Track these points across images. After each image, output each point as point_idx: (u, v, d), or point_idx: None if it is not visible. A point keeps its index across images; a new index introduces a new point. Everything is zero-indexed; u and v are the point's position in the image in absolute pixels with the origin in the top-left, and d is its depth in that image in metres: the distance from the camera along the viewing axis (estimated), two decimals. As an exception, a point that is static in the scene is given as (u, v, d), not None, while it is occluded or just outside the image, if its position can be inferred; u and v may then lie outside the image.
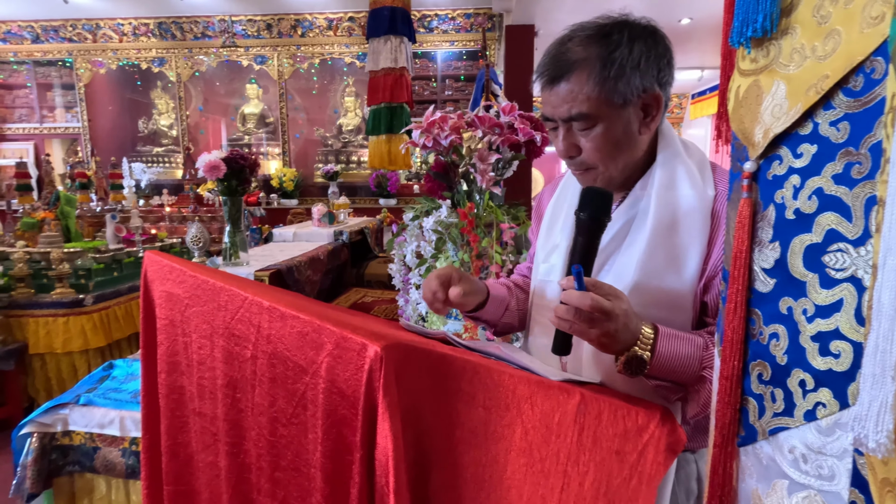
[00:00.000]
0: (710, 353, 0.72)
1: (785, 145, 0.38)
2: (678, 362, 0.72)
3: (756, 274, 0.41)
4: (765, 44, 0.39)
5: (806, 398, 0.37)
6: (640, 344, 0.71)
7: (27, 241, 3.38)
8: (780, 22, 0.38)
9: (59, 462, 1.68)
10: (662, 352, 0.71)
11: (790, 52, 0.37)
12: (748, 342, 0.42)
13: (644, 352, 0.71)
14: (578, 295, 0.67)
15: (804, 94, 0.36)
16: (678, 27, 5.15)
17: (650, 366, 0.72)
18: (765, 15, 0.37)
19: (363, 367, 0.41)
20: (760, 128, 0.39)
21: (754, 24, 0.38)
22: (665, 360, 0.72)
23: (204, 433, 0.75)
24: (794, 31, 0.37)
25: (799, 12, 0.37)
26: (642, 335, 0.72)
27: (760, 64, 0.40)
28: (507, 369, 0.54)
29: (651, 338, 0.72)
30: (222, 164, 2.26)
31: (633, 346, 0.71)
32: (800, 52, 0.37)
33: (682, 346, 0.72)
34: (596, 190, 0.73)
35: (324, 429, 0.46)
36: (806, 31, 0.36)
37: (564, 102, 0.78)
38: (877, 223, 0.32)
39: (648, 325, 0.73)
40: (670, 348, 0.72)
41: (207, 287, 0.70)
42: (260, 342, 0.57)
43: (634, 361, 0.71)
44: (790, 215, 0.38)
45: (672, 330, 0.74)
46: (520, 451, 0.55)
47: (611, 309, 0.68)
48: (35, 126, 6.56)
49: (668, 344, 0.72)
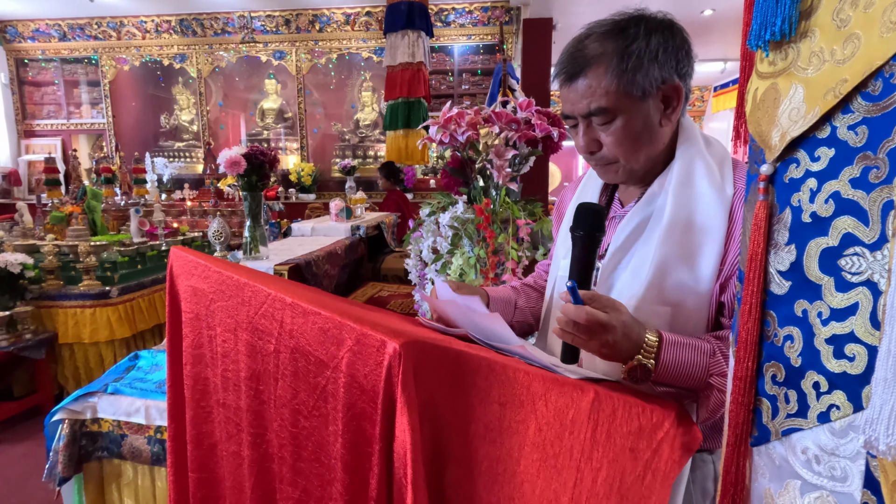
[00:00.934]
0: (717, 360, 0.72)
1: (802, 148, 0.39)
2: (683, 370, 0.72)
3: (771, 276, 0.41)
4: (783, 47, 0.39)
5: (820, 400, 0.37)
6: (643, 353, 0.72)
7: (56, 235, 3.49)
8: (799, 25, 0.38)
9: (88, 448, 1.74)
10: (666, 360, 0.72)
11: (809, 55, 0.37)
12: (762, 343, 0.42)
13: (648, 360, 0.71)
14: (574, 309, 0.69)
15: (822, 97, 0.36)
16: (700, 18, 5.04)
17: (655, 374, 0.72)
18: (783, 18, 0.37)
19: (382, 362, 0.43)
20: (777, 131, 0.39)
21: (772, 27, 0.38)
22: (670, 368, 0.72)
23: (228, 423, 0.78)
24: (813, 35, 0.37)
25: (818, 16, 0.37)
26: (646, 343, 0.72)
27: (779, 67, 0.40)
28: (522, 366, 0.55)
29: (655, 346, 0.72)
30: (243, 160, 2.30)
31: (636, 355, 0.71)
32: (818, 56, 0.37)
33: (687, 354, 0.72)
34: (588, 206, 0.76)
35: (344, 421, 0.47)
36: (825, 35, 0.36)
37: (583, 98, 0.79)
38: (893, 228, 0.32)
39: (653, 332, 0.73)
40: (675, 356, 0.72)
41: (232, 283, 0.72)
42: (283, 337, 0.58)
43: (639, 370, 0.71)
44: (806, 218, 0.38)
45: (677, 336, 0.74)
46: (533, 446, 0.57)
47: (607, 321, 0.69)
48: (62, 122, 6.74)
49: (673, 352, 0.72)
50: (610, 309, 0.71)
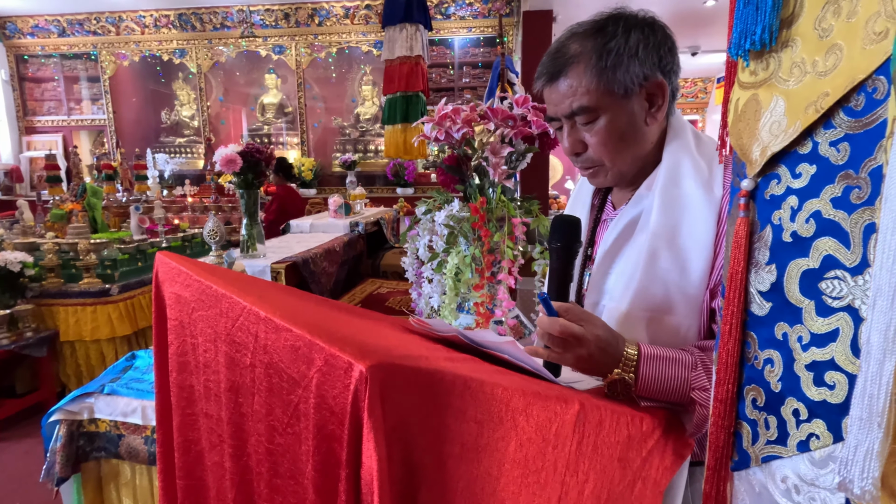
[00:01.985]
0: (698, 374, 0.70)
1: (783, 164, 0.37)
2: (664, 384, 0.71)
3: (752, 296, 0.39)
4: (764, 56, 0.37)
5: (799, 428, 0.36)
6: (622, 366, 0.70)
7: (56, 232, 3.50)
8: (781, 34, 0.36)
9: (86, 448, 1.75)
10: (646, 375, 0.70)
11: (790, 66, 0.35)
12: (743, 365, 0.40)
13: (627, 374, 0.70)
14: (549, 321, 0.69)
15: (804, 111, 0.34)
16: (703, 9, 4.97)
17: (636, 388, 0.71)
18: (763, 27, 0.35)
19: (349, 385, 0.41)
20: (758, 145, 0.37)
21: (752, 35, 0.36)
22: (650, 382, 0.71)
23: (211, 433, 0.77)
24: (795, 45, 0.35)
25: (800, 24, 0.35)
26: (625, 357, 0.71)
27: (759, 77, 0.38)
28: (503, 381, 0.54)
29: (634, 359, 0.70)
30: (239, 157, 2.29)
31: (615, 369, 0.70)
32: (800, 67, 0.35)
33: (667, 368, 0.71)
34: (564, 218, 0.75)
35: (314, 442, 0.46)
36: (807, 45, 0.34)
37: (565, 98, 0.78)
38: (874, 252, 0.31)
39: (633, 345, 0.72)
40: (654, 371, 0.71)
41: (211, 293, 0.71)
42: (257, 352, 0.57)
43: (618, 384, 0.70)
44: (787, 238, 0.36)
45: (658, 349, 0.72)
46: (514, 463, 0.55)
47: (581, 334, 0.68)
48: (63, 118, 6.75)
49: (652, 366, 0.71)
50: (584, 322, 0.70)
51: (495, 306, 1.81)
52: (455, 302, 1.90)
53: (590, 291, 0.86)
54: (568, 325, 0.68)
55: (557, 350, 0.69)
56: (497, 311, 1.79)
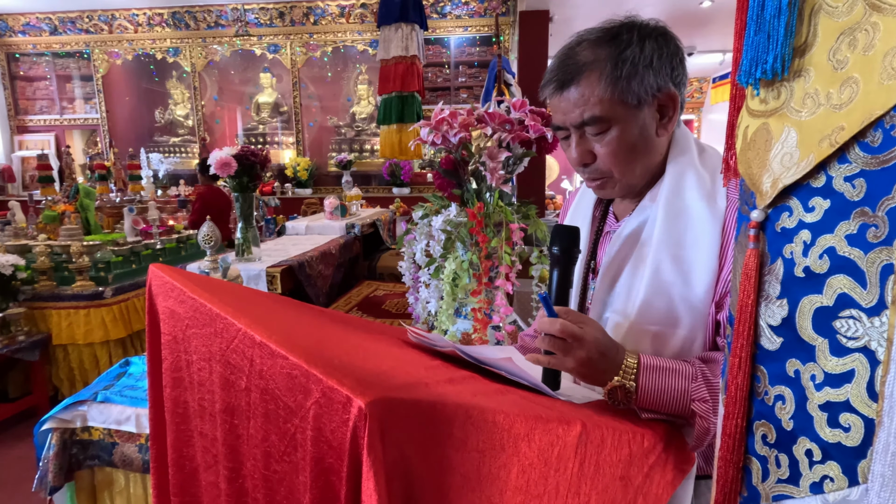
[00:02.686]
0: (698, 385, 0.70)
1: (795, 196, 0.36)
2: (665, 396, 0.70)
3: (762, 329, 0.38)
4: (775, 85, 0.36)
5: (812, 469, 0.35)
6: (622, 373, 0.70)
7: (48, 234, 3.46)
8: (793, 63, 0.35)
9: (79, 456, 1.73)
10: (645, 385, 0.70)
11: (803, 96, 0.34)
12: (753, 399, 0.39)
13: (628, 381, 0.70)
14: (549, 321, 0.69)
15: (817, 144, 0.33)
16: (699, 10, 4.96)
17: (636, 398, 0.70)
18: (776, 56, 0.34)
19: (348, 421, 0.40)
20: (769, 176, 0.36)
21: (764, 64, 0.35)
22: (650, 393, 0.70)
23: (206, 453, 0.76)
24: (808, 75, 0.34)
25: (813, 54, 0.34)
26: (625, 365, 0.70)
27: (770, 106, 0.37)
28: (504, 406, 0.53)
29: (634, 368, 0.70)
30: (234, 160, 2.26)
31: (615, 377, 0.70)
32: (813, 98, 0.34)
33: (667, 378, 0.70)
34: (564, 226, 0.76)
35: (312, 475, 0.45)
36: (820, 76, 0.33)
37: (576, 107, 0.76)
38: (893, 294, 0.30)
39: (633, 355, 0.72)
40: (654, 381, 0.70)
41: (205, 311, 0.69)
42: (253, 376, 0.56)
43: (619, 392, 0.70)
44: (799, 273, 0.35)
45: (658, 360, 0.72)
46: (515, 490, 0.54)
47: (581, 335, 0.68)
48: (55, 117, 6.68)
49: (652, 376, 0.70)
50: (583, 324, 0.70)
51: (493, 312, 1.80)
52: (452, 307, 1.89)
53: (594, 304, 0.85)
54: (567, 324, 0.68)
55: (557, 353, 0.69)
56: (495, 317, 1.78)
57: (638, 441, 0.73)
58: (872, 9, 0.30)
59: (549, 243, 0.76)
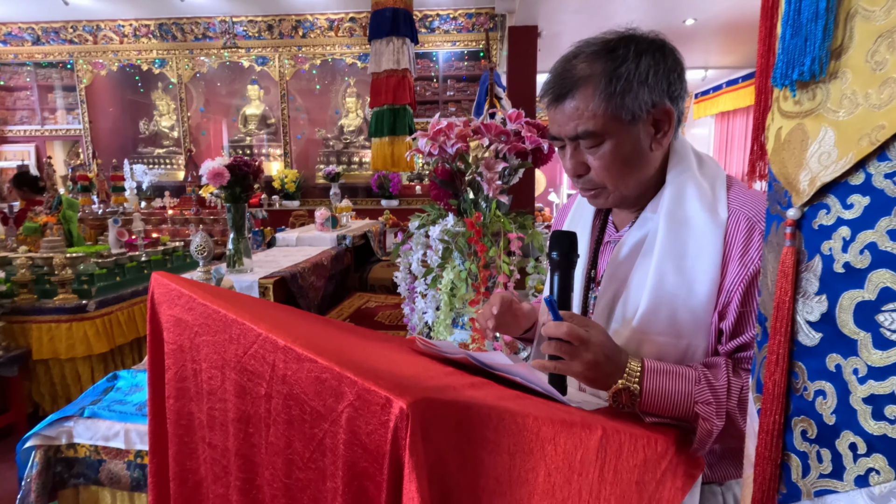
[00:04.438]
0: (701, 388, 0.71)
1: (833, 194, 0.37)
2: (668, 399, 0.71)
3: (800, 326, 0.39)
4: (811, 87, 0.37)
5: (857, 463, 0.35)
6: (627, 377, 0.71)
7: (29, 246, 3.37)
8: (829, 65, 0.36)
9: (63, 475, 1.67)
10: (649, 388, 0.71)
11: (839, 97, 0.35)
12: (790, 396, 0.40)
13: (632, 384, 0.71)
14: (554, 324, 0.70)
15: (856, 143, 0.34)
16: (682, 28, 5.11)
17: (641, 402, 0.71)
18: (813, 58, 0.35)
19: (388, 423, 0.39)
20: (806, 174, 0.37)
21: (801, 66, 0.36)
22: (654, 396, 0.71)
23: (214, 464, 0.74)
24: (845, 76, 0.35)
25: (850, 56, 0.35)
26: (629, 369, 0.72)
27: (805, 107, 0.38)
28: (532, 410, 0.53)
29: (638, 372, 0.71)
30: (226, 171, 2.24)
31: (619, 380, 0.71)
32: (850, 99, 0.35)
33: (670, 382, 0.72)
34: (562, 232, 0.78)
35: (344, 480, 0.44)
36: (858, 77, 0.34)
37: (571, 120, 0.76)
38: (939, 287, 0.30)
39: (636, 359, 0.73)
40: (658, 384, 0.71)
41: (218, 318, 0.68)
42: (275, 382, 0.55)
43: (623, 395, 0.71)
44: (839, 269, 0.36)
45: (661, 364, 0.73)
46: (543, 493, 0.54)
47: (587, 337, 0.69)
48: (36, 128, 6.55)
49: (656, 380, 0.72)
50: (588, 327, 0.71)
51: (491, 322, 1.79)
52: (450, 317, 1.88)
53: (596, 313, 0.86)
54: (574, 327, 0.69)
55: (564, 356, 0.70)
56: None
57: (652, 446, 0.74)
58: (910, 12, 0.31)
59: (549, 249, 0.78)
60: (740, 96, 7.15)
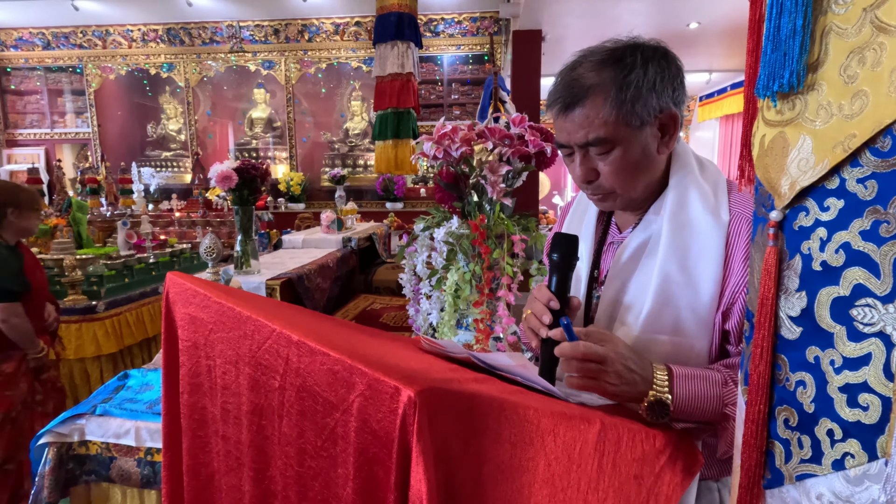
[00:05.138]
0: (729, 389, 0.72)
1: (811, 197, 0.39)
2: (699, 403, 0.72)
3: (782, 321, 0.42)
4: (791, 97, 0.40)
5: (834, 448, 0.38)
6: (656, 387, 0.71)
7: (40, 248, 3.42)
8: (807, 78, 0.39)
9: (75, 471, 1.70)
10: (680, 394, 0.71)
11: (816, 107, 0.38)
12: (774, 387, 0.42)
13: (663, 394, 0.71)
14: (570, 346, 0.69)
15: (831, 150, 0.37)
16: (686, 31, 5.13)
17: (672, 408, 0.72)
18: (791, 71, 0.38)
19: (396, 410, 0.42)
20: (787, 179, 0.40)
21: (780, 79, 0.39)
22: (684, 402, 0.72)
23: (227, 456, 0.77)
24: (821, 88, 0.38)
25: (825, 70, 0.38)
26: (656, 379, 0.72)
27: (786, 116, 0.41)
28: (533, 403, 0.55)
29: (666, 381, 0.72)
30: (234, 174, 2.28)
31: (649, 391, 0.71)
32: (826, 109, 0.38)
33: (699, 386, 0.72)
34: (563, 235, 0.79)
35: (355, 466, 0.47)
36: (832, 89, 0.37)
37: (581, 128, 0.78)
38: (905, 283, 0.33)
39: (661, 367, 0.73)
40: (688, 390, 0.72)
41: (233, 315, 0.71)
42: (288, 374, 0.58)
43: (657, 406, 0.71)
44: (817, 266, 0.39)
45: (686, 369, 0.74)
46: (543, 483, 0.56)
47: (604, 354, 0.69)
48: (46, 131, 6.64)
49: (686, 385, 0.72)
50: (605, 341, 0.71)
51: (495, 323, 1.82)
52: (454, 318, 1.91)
53: (600, 316, 0.88)
54: (590, 345, 0.69)
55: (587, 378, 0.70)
56: (497, 328, 1.80)
57: (650, 441, 0.76)
58: (879, 30, 0.34)
59: (549, 250, 0.79)
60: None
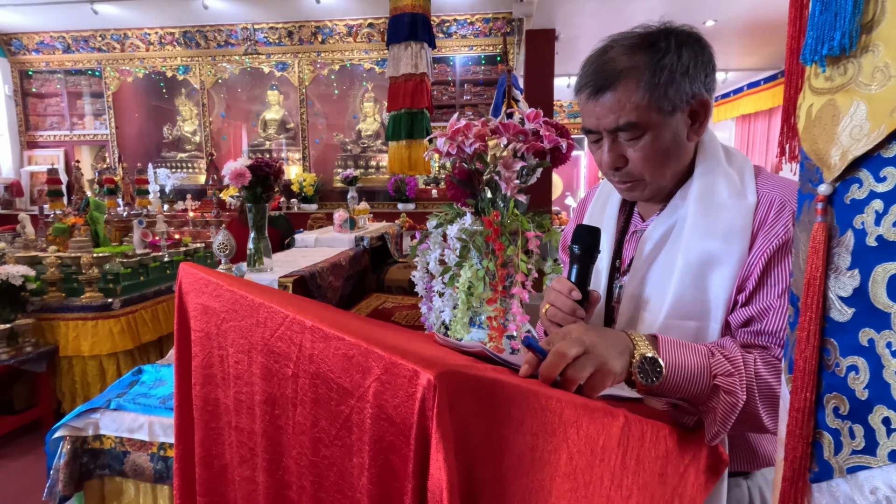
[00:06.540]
0: (717, 360, 0.68)
1: (865, 168, 0.36)
2: (688, 372, 0.67)
3: (832, 302, 0.39)
4: (842, 62, 0.37)
5: (891, 437, 0.35)
6: (636, 341, 0.67)
7: (58, 246, 3.47)
8: (860, 39, 0.36)
9: (90, 465, 1.71)
10: (670, 360, 0.67)
11: (871, 70, 0.35)
12: (822, 373, 0.40)
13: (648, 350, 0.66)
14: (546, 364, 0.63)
15: (889, 115, 0.34)
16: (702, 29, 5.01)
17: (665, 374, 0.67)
18: (843, 32, 0.35)
19: (415, 394, 0.40)
20: (837, 149, 0.37)
21: (831, 41, 0.36)
22: (675, 368, 0.67)
23: (241, 447, 0.75)
24: (877, 49, 0.35)
25: (882, 29, 0.35)
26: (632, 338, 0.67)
27: (836, 83, 0.38)
28: (555, 393, 0.53)
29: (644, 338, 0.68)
30: (248, 171, 2.29)
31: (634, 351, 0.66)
32: (883, 72, 0.35)
33: (686, 354, 0.68)
34: (586, 227, 0.78)
35: (371, 454, 0.45)
36: (890, 50, 0.34)
37: (611, 112, 0.76)
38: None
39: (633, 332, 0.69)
40: (676, 355, 0.68)
41: (245, 303, 0.70)
42: (302, 361, 0.56)
43: (648, 363, 0.65)
44: (871, 242, 0.36)
45: (671, 338, 0.70)
46: (565, 476, 0.54)
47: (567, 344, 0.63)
48: (65, 133, 6.76)
49: (673, 351, 0.68)
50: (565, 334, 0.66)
51: (508, 321, 1.79)
52: (467, 316, 1.88)
53: (624, 303, 0.86)
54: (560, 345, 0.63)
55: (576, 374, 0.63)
56: (510, 326, 1.77)
57: (674, 438, 0.73)
58: (945, -18, 0.31)
59: (571, 241, 0.78)
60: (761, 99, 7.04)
